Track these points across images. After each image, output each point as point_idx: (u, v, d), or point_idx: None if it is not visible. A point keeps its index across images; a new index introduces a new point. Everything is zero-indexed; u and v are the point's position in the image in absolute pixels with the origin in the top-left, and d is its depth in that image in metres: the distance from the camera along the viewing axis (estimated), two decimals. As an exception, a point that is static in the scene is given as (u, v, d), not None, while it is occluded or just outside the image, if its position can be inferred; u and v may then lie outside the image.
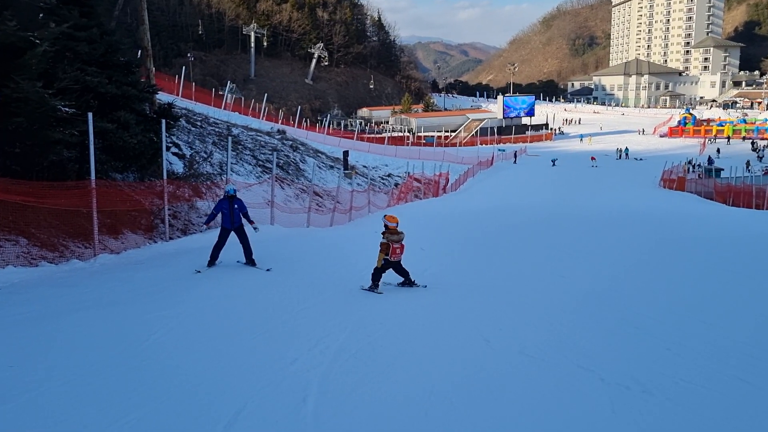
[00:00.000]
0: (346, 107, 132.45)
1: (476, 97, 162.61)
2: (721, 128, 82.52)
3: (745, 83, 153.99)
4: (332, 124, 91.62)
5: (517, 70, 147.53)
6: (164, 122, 13.61)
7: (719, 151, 63.80)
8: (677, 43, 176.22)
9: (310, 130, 65.95)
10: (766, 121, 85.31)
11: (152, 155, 14.24)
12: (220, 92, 59.39)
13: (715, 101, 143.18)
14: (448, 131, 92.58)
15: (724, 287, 9.56)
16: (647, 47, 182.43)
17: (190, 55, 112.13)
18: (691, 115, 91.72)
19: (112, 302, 7.78)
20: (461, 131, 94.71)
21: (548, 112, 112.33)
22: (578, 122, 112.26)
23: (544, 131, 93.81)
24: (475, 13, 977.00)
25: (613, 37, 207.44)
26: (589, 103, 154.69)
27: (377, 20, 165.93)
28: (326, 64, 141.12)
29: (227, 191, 11.06)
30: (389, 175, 44.14)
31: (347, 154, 39.98)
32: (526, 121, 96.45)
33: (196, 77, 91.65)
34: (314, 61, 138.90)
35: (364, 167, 42.55)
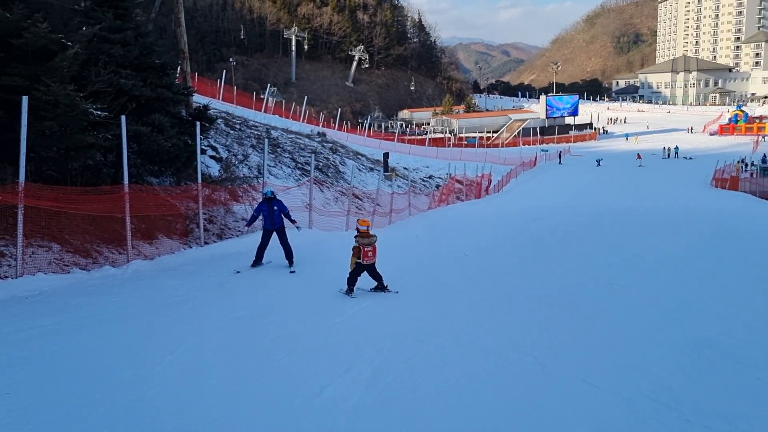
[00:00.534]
0: (386, 109, 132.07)
1: (518, 97, 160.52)
2: (775, 125, 79.32)
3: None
4: (373, 126, 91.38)
5: (560, 69, 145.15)
6: (199, 124, 13.30)
7: (773, 148, 61.27)
8: (727, 38, 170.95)
9: (350, 132, 65.71)
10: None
11: (187, 158, 13.95)
12: (261, 96, 59.67)
13: (767, 97, 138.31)
14: (489, 132, 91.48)
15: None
16: (695, 43, 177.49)
17: (232, 59, 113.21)
18: (742, 112, 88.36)
19: (135, 314, 7.40)
20: (503, 132, 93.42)
21: (592, 111, 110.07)
22: (623, 121, 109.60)
23: (588, 131, 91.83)
24: (516, 12, 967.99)
25: (659, 33, 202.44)
26: (635, 101, 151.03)
27: (418, 21, 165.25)
28: (367, 66, 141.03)
29: (265, 193, 11.39)
30: (430, 176, 43.47)
31: (387, 155, 39.47)
32: (569, 120, 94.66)
33: (238, 81, 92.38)
34: (355, 63, 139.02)
35: (404, 169, 42.02)
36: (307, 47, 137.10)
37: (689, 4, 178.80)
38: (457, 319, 7.35)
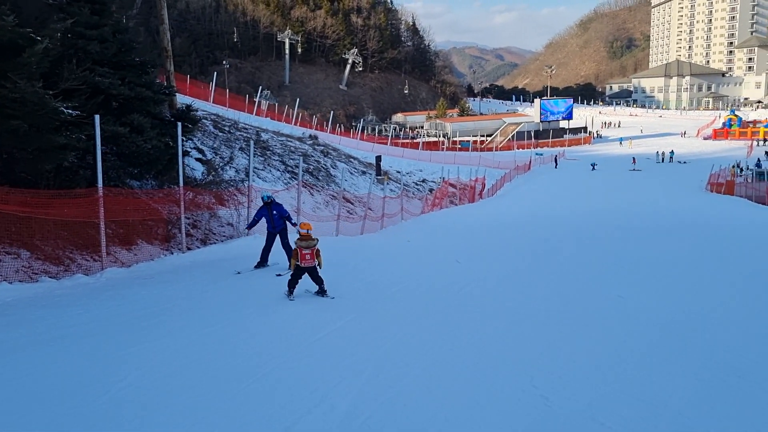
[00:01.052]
0: (380, 113, 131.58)
1: (512, 101, 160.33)
2: (769, 129, 79.15)
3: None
4: (366, 129, 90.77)
5: (554, 72, 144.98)
6: (180, 125, 12.69)
7: (768, 154, 61.02)
8: (720, 43, 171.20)
9: (343, 135, 65.15)
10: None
11: (169, 161, 13.35)
12: (254, 99, 59.04)
13: (761, 102, 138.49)
14: (483, 136, 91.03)
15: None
16: (688, 48, 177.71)
17: (225, 62, 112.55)
18: (736, 116, 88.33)
19: (97, 329, 6.76)
20: (497, 135, 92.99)
21: (586, 115, 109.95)
22: (618, 125, 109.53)
23: (582, 135, 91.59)
24: (511, 16, 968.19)
25: (652, 38, 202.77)
26: (628, 105, 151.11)
27: (412, 25, 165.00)
28: (360, 69, 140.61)
29: (263, 198, 11.51)
30: (424, 180, 42.95)
31: (380, 159, 38.94)
32: (564, 124, 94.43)
33: (231, 84, 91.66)
34: (348, 66, 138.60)
35: (397, 172, 41.51)
36: (300, 50, 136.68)
37: (682, 9, 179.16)
38: (448, 336, 6.68)
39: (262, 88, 72.94)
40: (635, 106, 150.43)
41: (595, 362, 5.81)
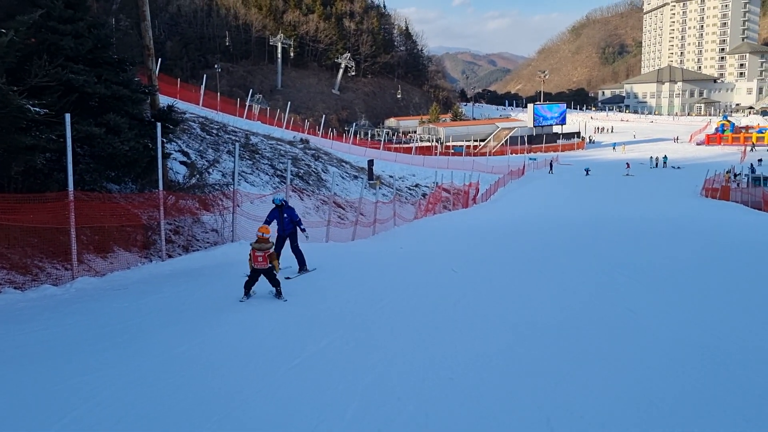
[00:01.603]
0: (373, 117, 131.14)
1: (505, 106, 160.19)
2: (761, 135, 78.98)
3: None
4: (359, 134, 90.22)
5: (547, 77, 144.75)
6: (160, 126, 11.98)
7: (761, 160, 60.65)
8: (711, 49, 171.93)
9: (336, 140, 64.53)
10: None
11: (148, 163, 12.61)
12: (246, 103, 58.25)
13: (752, 108, 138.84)
14: (477, 140, 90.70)
15: None
16: (680, 54, 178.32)
17: (217, 66, 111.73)
18: (729, 122, 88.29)
19: (54, 349, 6.04)
20: (491, 140, 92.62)
21: (579, 120, 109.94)
22: (611, 130, 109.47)
23: (575, 140, 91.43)
24: (504, 23, 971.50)
25: (644, 44, 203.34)
26: (621, 111, 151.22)
27: (405, 30, 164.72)
28: (353, 74, 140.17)
29: (274, 201, 11.51)
30: (417, 185, 42.31)
31: (372, 163, 38.28)
32: (557, 129, 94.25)
33: (223, 88, 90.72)
34: (341, 71, 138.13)
35: (390, 177, 40.85)
36: (293, 54, 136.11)
37: (674, 15, 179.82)
38: (446, 361, 5.84)
39: (252, 91, 72.18)
40: (627, 111, 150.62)
41: (613, 389, 5.04)
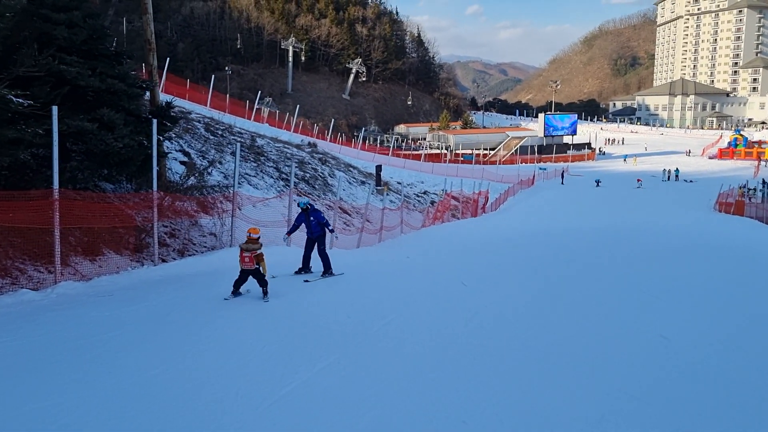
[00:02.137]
0: (383, 123, 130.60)
1: (515, 115, 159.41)
2: (776, 150, 77.94)
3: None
4: (368, 139, 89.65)
5: (559, 87, 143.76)
6: (156, 122, 11.31)
7: (775, 175, 59.64)
8: (725, 63, 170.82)
9: (345, 144, 63.96)
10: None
11: (143, 161, 11.96)
12: (256, 106, 57.69)
13: (765, 123, 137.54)
14: (487, 149, 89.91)
15: None
16: (693, 67, 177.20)
17: (227, 68, 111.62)
18: (742, 136, 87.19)
19: (17, 368, 5.36)
20: (501, 149, 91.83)
21: (589, 131, 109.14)
22: (621, 142, 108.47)
23: (586, 151, 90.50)
24: (516, 32, 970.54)
25: (657, 56, 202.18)
26: (632, 123, 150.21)
27: (417, 36, 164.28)
28: (364, 79, 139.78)
29: (299, 204, 11.60)
30: (425, 192, 41.61)
31: (380, 168, 37.60)
32: (567, 140, 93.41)
33: (233, 91, 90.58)
34: (352, 76, 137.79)
35: (398, 183, 40.18)
36: (304, 58, 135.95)
37: (688, 28, 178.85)
38: (458, 398, 4.99)
39: (261, 93, 71.62)
40: (639, 123, 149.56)
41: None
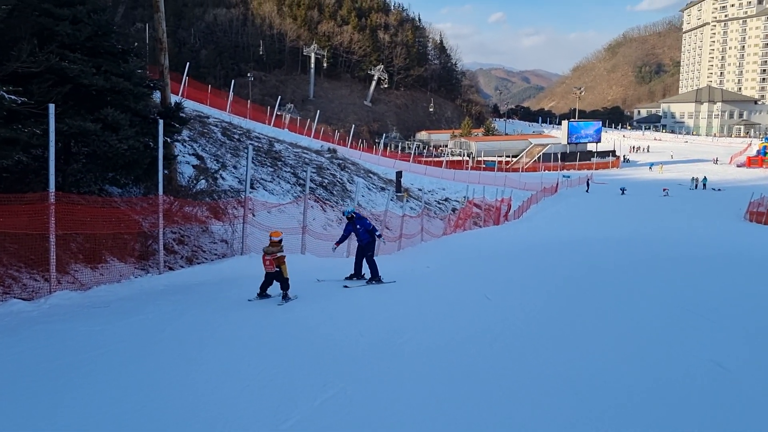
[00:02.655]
0: (404, 130, 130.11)
1: (538, 122, 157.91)
2: (805, 158, 76.08)
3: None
4: (390, 146, 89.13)
5: (583, 93, 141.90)
6: (162, 123, 10.71)
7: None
8: (752, 70, 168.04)
9: (366, 151, 63.49)
10: None
11: (150, 165, 11.37)
12: (278, 113, 57.43)
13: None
14: (509, 156, 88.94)
15: None
16: (720, 74, 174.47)
17: (249, 74, 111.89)
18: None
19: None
20: (523, 156, 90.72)
21: (614, 139, 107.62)
22: (646, 150, 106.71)
23: (610, 158, 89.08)
24: (539, 40, 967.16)
25: (683, 63, 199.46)
26: (657, 130, 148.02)
27: (439, 43, 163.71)
28: (386, 86, 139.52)
29: (344, 213, 11.85)
30: (446, 199, 40.81)
31: (401, 174, 36.90)
32: (591, 147, 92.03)
33: (255, 97, 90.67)
34: (374, 83, 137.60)
35: (418, 190, 39.43)
36: (326, 65, 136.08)
37: (714, 35, 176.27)
38: None
39: (281, 98, 71.31)
40: (664, 131, 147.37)
41: None
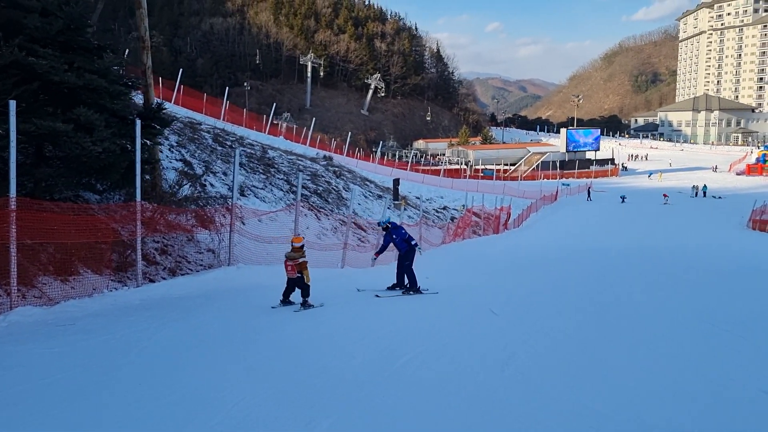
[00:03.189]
0: (401, 138, 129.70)
1: (536, 131, 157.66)
2: (804, 166, 75.58)
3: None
4: (387, 154, 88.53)
5: (581, 101, 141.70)
6: (139, 123, 9.90)
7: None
8: (749, 78, 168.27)
9: (362, 159, 62.77)
10: None
11: (128, 168, 10.55)
12: (274, 121, 56.71)
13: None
14: (507, 164, 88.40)
15: None
16: (717, 83, 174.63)
17: (246, 84, 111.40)
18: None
19: None
20: (522, 164, 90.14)
21: (612, 147, 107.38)
22: (645, 158, 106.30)
23: (609, 166, 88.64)
24: (536, 49, 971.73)
25: (679, 72, 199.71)
26: (655, 139, 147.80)
27: (436, 52, 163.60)
28: (383, 95, 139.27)
29: (379, 224, 11.89)
30: (445, 207, 40.02)
31: (398, 182, 36.07)
32: (590, 155, 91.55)
33: (251, 106, 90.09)
34: (371, 91, 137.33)
35: (416, 198, 38.59)
36: (322, 74, 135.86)
37: (711, 43, 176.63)
38: None
39: (276, 105, 70.64)
40: (662, 139, 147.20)
41: None
